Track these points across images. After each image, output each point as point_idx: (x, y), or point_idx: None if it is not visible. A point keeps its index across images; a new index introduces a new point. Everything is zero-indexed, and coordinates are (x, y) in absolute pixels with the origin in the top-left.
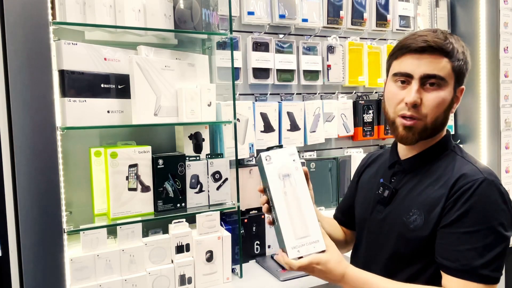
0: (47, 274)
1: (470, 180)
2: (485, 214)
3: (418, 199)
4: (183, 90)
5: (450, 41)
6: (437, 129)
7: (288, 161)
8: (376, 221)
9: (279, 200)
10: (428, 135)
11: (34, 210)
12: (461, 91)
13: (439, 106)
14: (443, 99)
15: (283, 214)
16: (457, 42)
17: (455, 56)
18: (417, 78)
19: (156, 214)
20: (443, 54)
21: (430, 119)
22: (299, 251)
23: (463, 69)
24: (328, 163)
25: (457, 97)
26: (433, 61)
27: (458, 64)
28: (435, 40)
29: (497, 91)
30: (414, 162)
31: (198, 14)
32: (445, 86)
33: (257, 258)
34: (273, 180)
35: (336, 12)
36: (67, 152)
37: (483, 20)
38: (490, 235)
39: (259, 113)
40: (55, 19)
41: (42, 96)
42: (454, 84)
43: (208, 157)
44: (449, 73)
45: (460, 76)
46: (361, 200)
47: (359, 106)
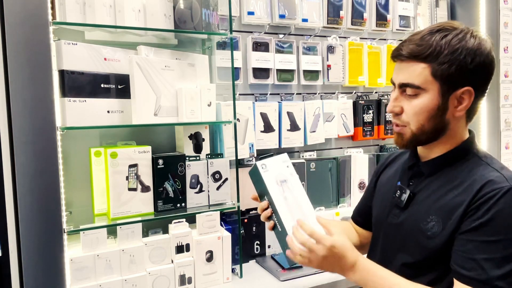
0: (47, 274)
1: (496, 188)
2: (508, 225)
3: (436, 205)
4: (183, 90)
5: (432, 43)
6: (433, 135)
7: (282, 168)
8: (392, 225)
9: (281, 206)
10: (425, 140)
11: (34, 210)
12: (466, 92)
13: (418, 114)
14: (421, 107)
15: (287, 218)
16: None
17: (439, 59)
18: (397, 86)
19: (156, 214)
20: (419, 60)
21: (414, 127)
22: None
23: (453, 70)
24: (328, 163)
25: (461, 99)
26: (409, 68)
27: (442, 68)
28: (409, 47)
29: (497, 91)
30: (434, 165)
31: (198, 14)
32: (423, 94)
33: (257, 258)
34: (272, 187)
35: (336, 12)
36: (67, 152)
37: (483, 20)
38: (511, 247)
39: (259, 113)
40: (55, 19)
41: (42, 96)
42: (441, 88)
43: (208, 157)
44: (427, 79)
45: (454, 79)
46: (378, 203)
47: (359, 106)
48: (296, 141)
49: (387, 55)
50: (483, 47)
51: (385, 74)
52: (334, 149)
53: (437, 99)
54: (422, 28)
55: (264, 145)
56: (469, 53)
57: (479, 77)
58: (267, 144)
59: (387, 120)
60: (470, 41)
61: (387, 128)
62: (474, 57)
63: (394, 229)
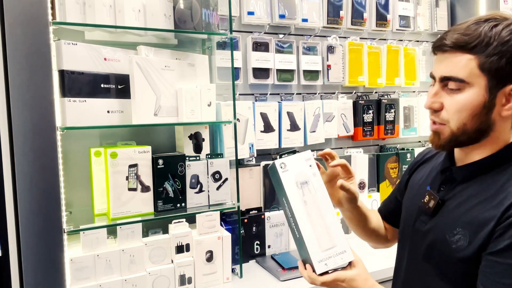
0: (47, 274)
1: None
2: None
3: (465, 217)
4: (183, 90)
5: (481, 33)
6: (475, 135)
7: (304, 167)
8: (419, 232)
9: (299, 211)
10: (465, 142)
11: (34, 210)
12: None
13: (460, 111)
14: (464, 104)
15: (306, 225)
16: (501, 31)
17: (487, 50)
18: (437, 80)
19: (156, 214)
20: (465, 51)
21: (454, 125)
22: (326, 264)
23: (504, 63)
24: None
25: (509, 97)
26: (452, 60)
27: (491, 60)
28: (454, 36)
29: None
30: (468, 172)
31: (198, 14)
32: (468, 88)
33: (257, 258)
34: (290, 189)
35: (336, 12)
36: (67, 152)
37: None
38: None
39: (259, 113)
40: (55, 19)
41: (42, 96)
42: (489, 83)
43: (208, 157)
44: (474, 72)
45: (503, 73)
46: (407, 204)
47: (359, 106)
48: (296, 141)
49: (387, 55)
50: None
51: (385, 74)
52: (334, 149)
53: (484, 95)
54: (422, 28)
55: (264, 145)
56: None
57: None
58: (267, 144)
59: (387, 120)
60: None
61: (387, 128)
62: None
63: (421, 237)
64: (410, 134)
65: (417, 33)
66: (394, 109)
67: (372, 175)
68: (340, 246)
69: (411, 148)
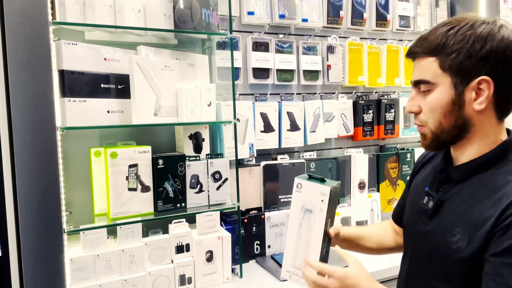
0: (47, 274)
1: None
2: None
3: (464, 217)
4: (183, 90)
5: (438, 35)
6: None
7: (316, 198)
8: (420, 233)
9: (292, 228)
10: (450, 140)
11: (34, 210)
12: (483, 82)
13: (433, 110)
14: (434, 103)
15: (291, 241)
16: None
17: (445, 51)
18: (412, 85)
19: (156, 214)
20: (428, 54)
21: (432, 125)
22: (290, 276)
23: (465, 58)
24: (328, 163)
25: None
26: (420, 65)
27: (450, 58)
28: (418, 43)
29: None
30: (464, 171)
31: (198, 14)
32: (435, 88)
33: (257, 258)
34: (294, 208)
35: (336, 12)
36: (67, 152)
37: None
38: None
39: (259, 113)
40: (55, 19)
41: (42, 96)
42: (454, 81)
43: (208, 157)
44: (437, 72)
45: (465, 69)
46: (408, 207)
47: (359, 106)
48: (296, 141)
49: (387, 55)
50: (496, 31)
51: (385, 74)
52: (334, 149)
53: (450, 93)
54: (422, 28)
55: (264, 145)
56: (478, 39)
57: (495, 64)
58: (267, 144)
59: (387, 120)
60: (481, 27)
61: (387, 128)
62: (485, 43)
63: (422, 238)
64: (410, 134)
65: (417, 33)
66: (394, 109)
67: (372, 175)
68: None
69: (411, 148)
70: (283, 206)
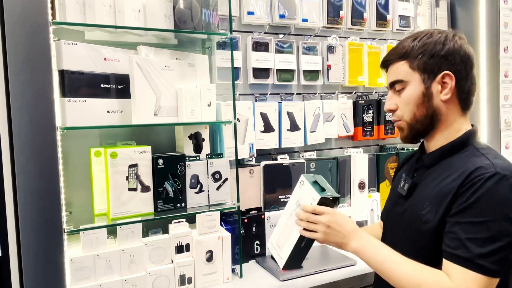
0: (47, 274)
1: (482, 173)
2: (491, 207)
3: (432, 193)
4: (183, 90)
5: (405, 45)
6: (427, 121)
7: (308, 200)
8: (397, 214)
9: (285, 213)
10: (422, 129)
11: (34, 210)
12: (446, 76)
13: (407, 104)
14: (408, 97)
15: (281, 223)
16: (421, 37)
17: (413, 54)
18: (388, 88)
19: (156, 214)
20: (399, 60)
21: (407, 117)
22: (272, 249)
23: (429, 58)
24: (328, 163)
25: (444, 84)
26: (393, 69)
27: (419, 58)
28: (389, 54)
29: (497, 91)
30: (433, 157)
31: (198, 14)
32: (408, 85)
33: (257, 258)
34: (292, 199)
35: (336, 12)
36: (67, 152)
37: (483, 20)
38: (494, 228)
39: (259, 113)
40: (55, 19)
41: (42, 96)
42: (423, 77)
43: (208, 157)
44: (408, 72)
45: (430, 66)
46: (390, 194)
47: (359, 106)
48: (296, 141)
49: None
50: (451, 38)
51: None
52: (334, 149)
53: (420, 87)
54: (422, 28)
55: (264, 145)
56: (438, 42)
57: (454, 61)
58: (267, 144)
59: (387, 120)
60: (438, 35)
61: (387, 128)
62: (444, 45)
63: (399, 218)
64: None
65: None
66: None
67: (372, 175)
68: (283, 254)
69: (411, 148)
70: (283, 206)
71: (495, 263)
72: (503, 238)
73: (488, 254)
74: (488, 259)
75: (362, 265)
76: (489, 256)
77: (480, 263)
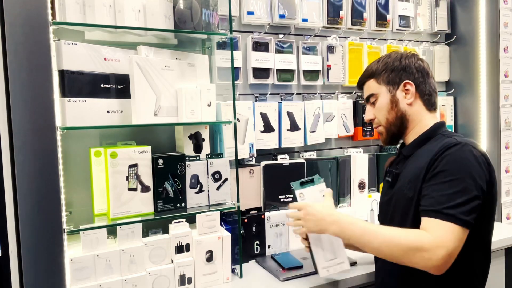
0: (47, 274)
1: (447, 145)
2: (456, 167)
3: (410, 173)
4: (183, 90)
5: (372, 66)
6: (399, 122)
7: (318, 197)
8: (386, 202)
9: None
10: (397, 131)
11: (34, 210)
12: (407, 84)
13: (381, 111)
14: (380, 106)
15: (315, 246)
16: (383, 59)
17: (377, 72)
18: (366, 102)
19: (156, 214)
20: (369, 78)
21: (383, 122)
22: (328, 270)
23: (390, 72)
24: (328, 163)
25: (407, 91)
26: (366, 86)
27: (382, 75)
28: (363, 75)
29: (497, 91)
30: (409, 148)
31: (198, 14)
32: (379, 97)
33: (257, 258)
34: None
35: (336, 12)
36: (67, 152)
37: (483, 20)
38: (460, 184)
39: (259, 113)
40: (55, 19)
41: (42, 96)
42: (389, 88)
43: (208, 157)
44: (376, 86)
45: (392, 79)
46: (381, 192)
47: (359, 106)
48: (296, 141)
49: None
50: (405, 55)
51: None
52: (334, 149)
53: (388, 96)
54: (422, 28)
55: (264, 145)
56: (395, 59)
57: (411, 71)
58: (267, 144)
59: None
60: (394, 55)
61: None
62: (400, 61)
63: (387, 204)
64: None
65: (417, 33)
66: None
67: (372, 175)
68: (340, 258)
69: None
70: (283, 206)
71: (462, 213)
72: (469, 192)
73: (456, 206)
74: (456, 209)
75: (362, 265)
76: (456, 207)
77: (449, 213)
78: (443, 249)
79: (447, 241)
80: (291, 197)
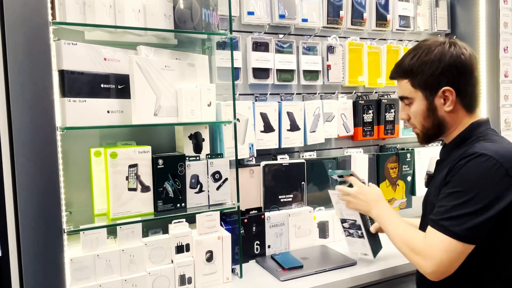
0: (47, 274)
1: (463, 156)
2: (465, 179)
3: (439, 178)
4: (183, 90)
5: (407, 63)
6: (437, 129)
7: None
8: (423, 201)
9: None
10: (434, 135)
11: (34, 210)
12: (446, 91)
13: (416, 117)
14: (415, 112)
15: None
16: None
17: (413, 72)
18: (400, 100)
19: (156, 214)
20: (403, 77)
21: (419, 127)
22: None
23: (428, 77)
24: (328, 163)
25: (446, 97)
26: (399, 85)
27: (419, 78)
28: (394, 70)
29: (497, 91)
30: (445, 151)
31: (198, 14)
32: (413, 101)
33: (257, 258)
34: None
35: (336, 12)
36: (67, 152)
37: (483, 20)
38: (463, 197)
39: (259, 113)
40: (55, 19)
41: (42, 96)
42: (425, 94)
43: (208, 157)
44: (411, 90)
45: (429, 84)
46: None
47: (359, 106)
48: (296, 141)
49: (387, 55)
50: (446, 51)
51: (385, 74)
52: (334, 149)
53: (424, 103)
54: (422, 28)
55: (264, 145)
56: (434, 61)
57: (451, 76)
58: (267, 144)
59: (387, 120)
60: (433, 52)
61: (387, 128)
62: (440, 62)
63: (424, 204)
64: (410, 134)
65: (417, 33)
66: (394, 109)
67: (372, 175)
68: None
69: (411, 148)
70: (283, 206)
71: (458, 226)
72: (470, 206)
73: (453, 218)
74: (452, 222)
75: (362, 265)
76: (453, 220)
77: (443, 224)
78: (430, 259)
79: (435, 251)
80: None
